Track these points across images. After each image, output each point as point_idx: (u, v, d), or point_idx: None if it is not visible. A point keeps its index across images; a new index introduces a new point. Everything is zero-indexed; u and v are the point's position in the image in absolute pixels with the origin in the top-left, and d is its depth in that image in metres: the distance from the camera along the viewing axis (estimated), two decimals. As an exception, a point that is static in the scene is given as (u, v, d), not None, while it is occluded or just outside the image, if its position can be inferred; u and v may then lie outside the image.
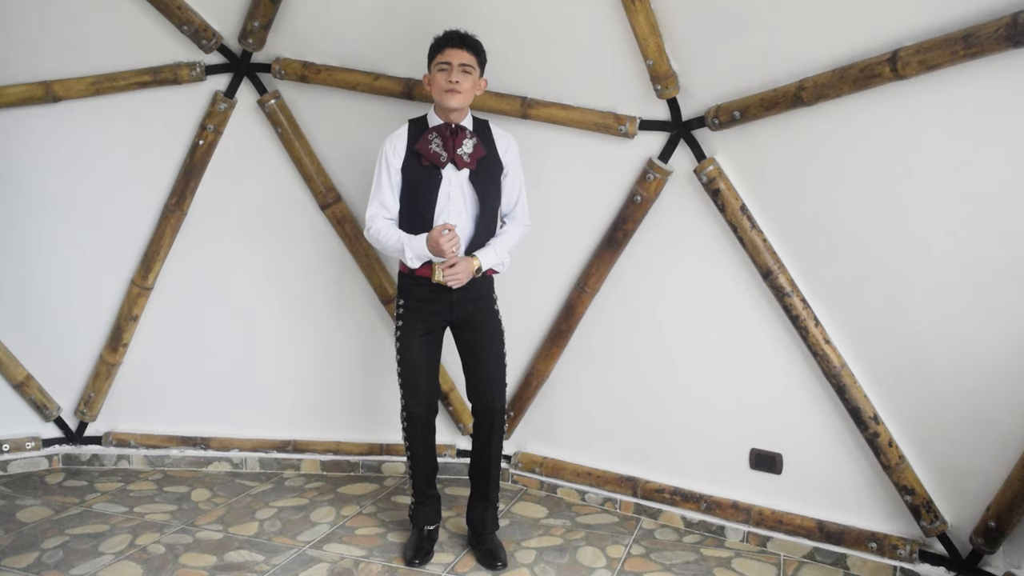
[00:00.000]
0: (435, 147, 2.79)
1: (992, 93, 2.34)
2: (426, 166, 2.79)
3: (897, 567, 2.89)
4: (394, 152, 2.83)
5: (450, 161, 2.79)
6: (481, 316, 2.91)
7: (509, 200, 2.94)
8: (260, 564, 2.94)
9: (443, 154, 2.78)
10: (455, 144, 2.78)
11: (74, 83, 3.48)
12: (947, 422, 2.71)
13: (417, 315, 2.87)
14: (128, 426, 3.93)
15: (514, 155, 2.92)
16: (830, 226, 2.80)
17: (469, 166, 2.80)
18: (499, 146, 2.89)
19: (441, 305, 2.84)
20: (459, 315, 2.88)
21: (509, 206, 2.95)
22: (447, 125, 2.81)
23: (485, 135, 2.88)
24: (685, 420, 3.29)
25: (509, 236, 2.92)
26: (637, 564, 2.98)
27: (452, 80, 2.72)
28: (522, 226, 2.97)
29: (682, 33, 2.87)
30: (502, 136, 2.92)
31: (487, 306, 2.94)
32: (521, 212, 2.97)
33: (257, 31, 3.35)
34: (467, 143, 2.80)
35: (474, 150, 2.81)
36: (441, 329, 2.93)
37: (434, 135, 2.80)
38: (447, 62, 2.74)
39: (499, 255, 2.86)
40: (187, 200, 3.61)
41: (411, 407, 2.90)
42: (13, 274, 3.72)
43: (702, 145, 3.01)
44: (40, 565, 2.92)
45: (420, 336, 2.88)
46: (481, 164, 2.83)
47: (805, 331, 2.90)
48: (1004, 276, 2.47)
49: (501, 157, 2.89)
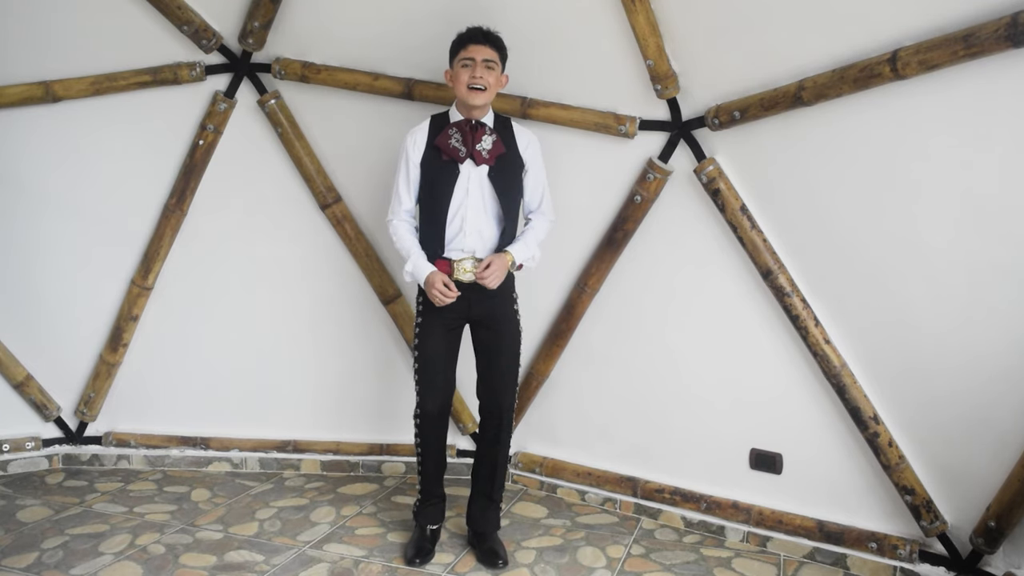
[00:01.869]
0: (455, 142, 2.80)
1: (992, 93, 2.34)
2: (445, 161, 2.81)
3: (897, 567, 2.89)
4: (414, 146, 2.85)
5: (469, 156, 2.79)
6: (500, 315, 2.91)
7: (533, 196, 2.96)
8: (260, 564, 2.94)
9: (462, 149, 2.79)
10: (475, 140, 2.79)
11: (74, 83, 3.48)
12: (947, 422, 2.71)
13: (436, 312, 2.85)
14: (128, 426, 3.93)
15: (535, 152, 2.93)
16: (830, 226, 2.80)
17: (488, 162, 2.81)
18: (520, 143, 2.90)
19: (461, 302, 2.83)
20: (478, 313, 2.87)
21: (534, 203, 2.97)
22: (467, 121, 2.82)
23: (506, 132, 2.88)
24: (685, 420, 3.29)
25: (537, 231, 2.95)
26: (637, 564, 2.98)
27: (476, 76, 2.74)
28: (548, 220, 3.00)
29: (682, 33, 2.87)
30: (523, 133, 2.93)
31: (507, 305, 2.93)
32: (547, 207, 2.99)
33: (257, 31, 3.35)
34: (486, 139, 2.81)
35: (493, 146, 2.81)
36: (460, 327, 2.92)
37: (454, 130, 2.81)
38: (471, 58, 2.75)
39: (530, 249, 2.88)
40: (187, 200, 3.61)
41: (426, 404, 2.90)
42: (13, 274, 3.72)
43: (702, 145, 3.01)
44: (40, 565, 2.92)
45: (439, 333, 2.87)
46: (500, 161, 2.83)
47: (805, 331, 2.90)
48: (1004, 276, 2.47)
49: (522, 154, 2.89)
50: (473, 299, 2.83)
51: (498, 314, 2.90)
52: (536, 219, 2.97)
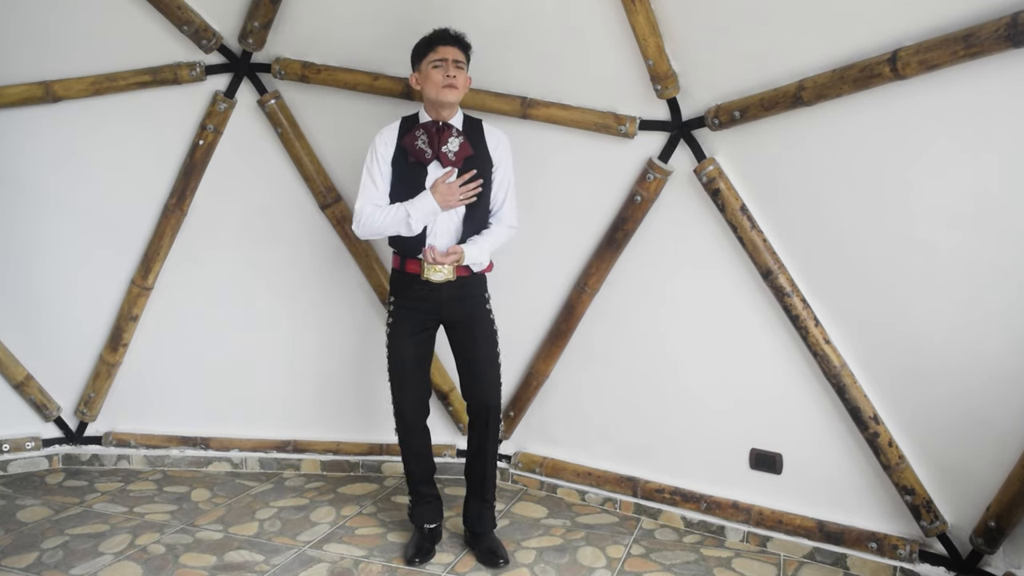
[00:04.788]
0: (421, 144, 2.79)
1: (992, 93, 2.34)
2: (412, 163, 2.80)
3: (897, 567, 2.89)
4: (384, 145, 2.84)
5: (435, 158, 2.79)
6: (472, 316, 2.91)
7: (497, 196, 2.90)
8: (260, 564, 2.94)
9: (428, 151, 2.79)
10: (440, 141, 2.78)
11: (74, 83, 3.48)
12: (947, 422, 2.71)
13: (407, 313, 2.87)
14: (128, 426, 3.93)
15: (504, 151, 2.90)
16: (830, 226, 2.80)
17: (455, 164, 2.79)
18: (489, 143, 2.88)
19: (431, 304, 2.83)
20: (450, 314, 2.87)
21: (496, 202, 2.91)
22: (435, 123, 2.81)
23: (475, 133, 2.87)
24: (685, 420, 3.29)
25: (494, 237, 2.88)
26: (637, 564, 2.98)
27: (450, 75, 2.73)
28: (507, 228, 2.93)
29: (682, 33, 2.87)
30: (493, 133, 2.91)
31: (478, 305, 2.92)
32: (507, 213, 2.92)
33: (257, 31, 3.35)
34: (453, 141, 2.80)
35: (460, 148, 2.80)
36: (433, 328, 2.93)
37: (421, 132, 2.81)
38: (442, 59, 2.75)
39: (482, 253, 2.82)
40: (187, 200, 3.61)
41: (399, 404, 2.91)
42: (13, 274, 3.72)
43: (702, 145, 3.01)
44: (40, 565, 2.92)
45: (410, 334, 2.88)
46: (468, 163, 2.81)
47: (805, 331, 2.90)
48: (1004, 275, 2.47)
49: (491, 154, 2.87)
50: (444, 299, 2.82)
51: (470, 316, 2.90)
52: (495, 224, 2.90)
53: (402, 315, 2.88)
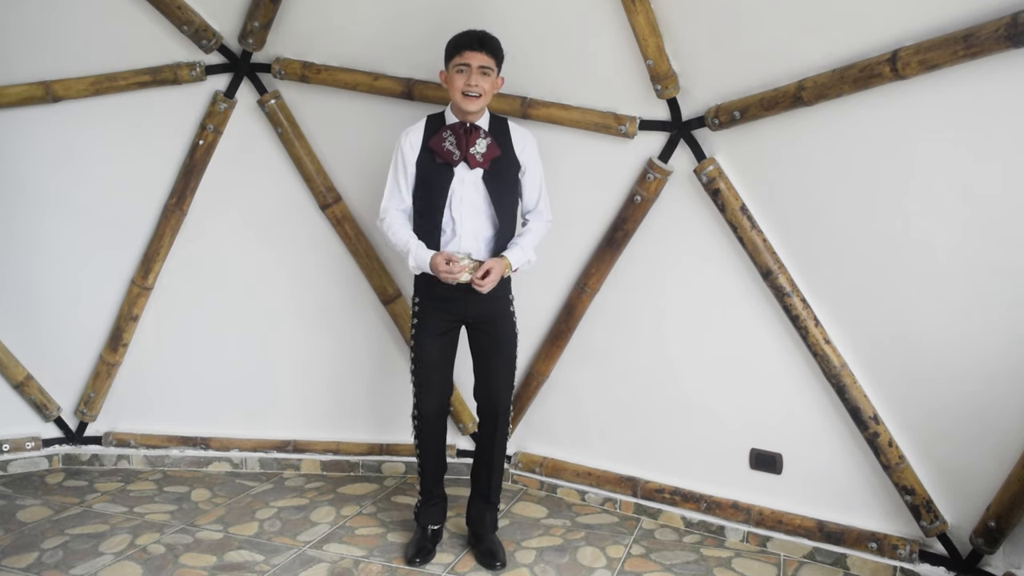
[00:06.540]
0: (448, 145, 2.78)
1: (992, 93, 2.34)
2: (439, 163, 2.80)
3: (897, 567, 2.89)
4: (409, 146, 2.84)
5: (463, 160, 2.78)
6: (497, 317, 2.90)
7: (531, 197, 2.94)
8: (260, 564, 2.94)
9: (456, 152, 2.78)
10: (468, 143, 2.78)
11: (74, 83, 3.48)
12: (947, 422, 2.71)
13: (433, 314, 2.86)
14: (128, 426, 3.93)
15: (532, 152, 2.91)
16: (830, 226, 2.80)
17: (482, 165, 2.79)
18: (516, 145, 2.88)
19: (457, 304, 2.83)
20: (474, 314, 2.87)
21: (531, 203, 2.95)
22: (462, 124, 2.80)
23: (502, 134, 2.87)
24: (685, 420, 3.29)
25: (534, 233, 2.92)
26: (637, 564, 2.98)
27: (471, 84, 2.71)
28: (545, 221, 2.98)
29: (682, 33, 2.87)
30: (519, 133, 2.91)
31: (503, 307, 2.92)
32: (544, 207, 2.97)
33: (257, 31, 3.35)
34: (480, 142, 2.79)
35: (487, 150, 2.80)
36: (457, 328, 2.92)
37: (448, 133, 2.80)
38: (466, 64, 2.72)
39: (527, 253, 2.87)
40: (187, 200, 3.61)
41: (423, 405, 2.90)
42: (13, 274, 3.72)
43: (702, 145, 3.01)
44: (40, 565, 2.92)
45: (435, 335, 2.87)
46: (495, 164, 2.82)
47: (805, 331, 2.90)
48: (1004, 276, 2.47)
49: (518, 156, 2.88)
50: (469, 300, 2.82)
51: (494, 316, 2.90)
52: (533, 221, 2.95)
53: (427, 316, 2.87)
